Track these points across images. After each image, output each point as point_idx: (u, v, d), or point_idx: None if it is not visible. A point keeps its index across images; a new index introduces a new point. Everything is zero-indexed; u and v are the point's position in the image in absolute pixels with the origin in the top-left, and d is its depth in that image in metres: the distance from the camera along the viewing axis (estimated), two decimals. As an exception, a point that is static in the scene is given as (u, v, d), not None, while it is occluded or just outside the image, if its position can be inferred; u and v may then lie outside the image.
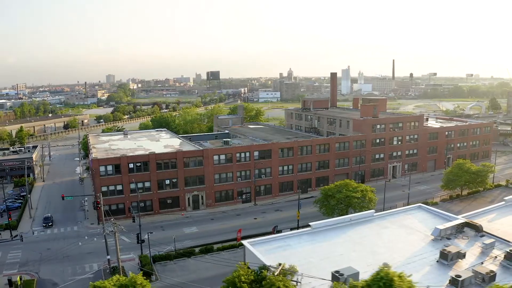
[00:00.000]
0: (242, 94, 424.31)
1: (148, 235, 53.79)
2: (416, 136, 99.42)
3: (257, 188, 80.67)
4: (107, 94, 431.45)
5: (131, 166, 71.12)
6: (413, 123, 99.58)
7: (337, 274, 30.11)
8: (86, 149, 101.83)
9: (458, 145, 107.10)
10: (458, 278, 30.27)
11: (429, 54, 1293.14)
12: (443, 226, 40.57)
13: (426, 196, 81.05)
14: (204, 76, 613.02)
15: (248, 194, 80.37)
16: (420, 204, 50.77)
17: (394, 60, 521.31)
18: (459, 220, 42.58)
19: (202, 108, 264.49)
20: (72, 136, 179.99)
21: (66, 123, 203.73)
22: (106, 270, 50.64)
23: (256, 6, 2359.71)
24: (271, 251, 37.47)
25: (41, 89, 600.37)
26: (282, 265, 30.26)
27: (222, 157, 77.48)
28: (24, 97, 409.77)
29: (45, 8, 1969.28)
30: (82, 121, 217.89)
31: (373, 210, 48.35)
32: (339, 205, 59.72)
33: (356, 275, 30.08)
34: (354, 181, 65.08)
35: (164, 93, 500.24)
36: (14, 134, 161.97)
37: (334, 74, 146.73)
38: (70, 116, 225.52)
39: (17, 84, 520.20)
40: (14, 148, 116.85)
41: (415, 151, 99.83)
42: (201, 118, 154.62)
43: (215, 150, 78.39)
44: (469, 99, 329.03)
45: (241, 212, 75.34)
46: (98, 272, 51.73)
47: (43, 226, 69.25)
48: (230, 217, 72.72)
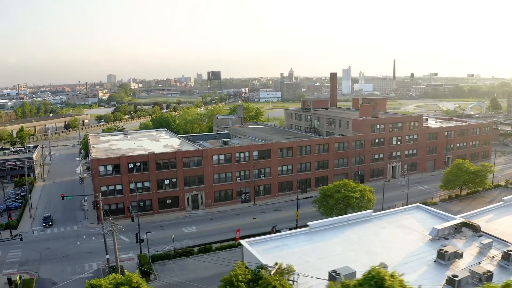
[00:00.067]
0: (243, 94, 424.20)
1: (146, 235, 53.97)
2: (415, 136, 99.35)
3: (256, 188, 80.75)
4: (108, 94, 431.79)
5: (131, 166, 71.38)
6: (412, 123, 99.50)
7: (333, 273, 30.22)
8: (87, 149, 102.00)
9: (458, 145, 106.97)
10: (455, 278, 30.31)
11: (430, 54, 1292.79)
12: (441, 226, 40.57)
13: (425, 196, 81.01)
14: (205, 76, 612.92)
15: (247, 194, 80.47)
16: (418, 204, 50.82)
17: (395, 60, 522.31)
18: (457, 220, 42.59)
19: (202, 108, 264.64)
20: (72, 136, 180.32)
21: (66, 123, 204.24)
22: (105, 270, 50.74)
23: (256, 6, 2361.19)
24: (269, 251, 37.60)
25: (42, 89, 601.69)
26: (278, 264, 30.40)
27: (222, 157, 77.63)
28: (25, 97, 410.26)
29: (45, 8, 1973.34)
30: (82, 121, 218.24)
31: (371, 210, 48.44)
32: (338, 205, 59.78)
33: (352, 275, 30.15)
34: (353, 181, 65.11)
35: (165, 93, 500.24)
36: (15, 134, 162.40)
37: (334, 74, 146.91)
38: (71, 116, 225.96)
39: (18, 84, 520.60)
40: (14, 148, 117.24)
41: (415, 151, 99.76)
42: (201, 118, 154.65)
43: (215, 150, 78.53)
44: (470, 99, 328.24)
45: (240, 212, 75.46)
46: (97, 271, 51.92)
47: (43, 225, 69.55)
48: (229, 217, 72.86)
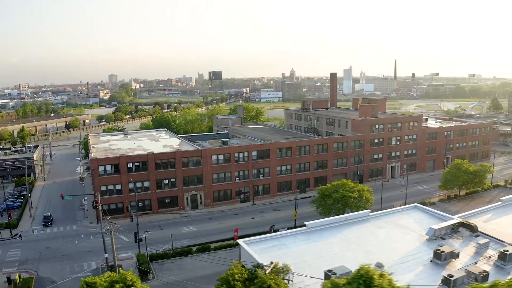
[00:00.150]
0: (244, 94, 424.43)
1: (145, 234, 54.22)
2: (414, 136, 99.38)
3: (255, 187, 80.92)
4: (109, 94, 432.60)
5: (130, 165, 71.63)
6: (411, 123, 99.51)
7: (329, 273, 30.32)
8: (87, 149, 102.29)
9: (457, 145, 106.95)
10: (450, 278, 30.28)
11: (431, 54, 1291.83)
12: (438, 226, 40.59)
13: (424, 196, 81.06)
14: (206, 76, 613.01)
15: (246, 193, 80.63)
16: (416, 204, 50.85)
17: (396, 60, 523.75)
18: (454, 220, 42.63)
19: (203, 108, 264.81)
20: (73, 136, 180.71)
21: (67, 123, 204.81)
22: (104, 268, 50.94)
23: (256, 6, 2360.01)
24: (266, 250, 37.74)
25: (43, 89, 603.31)
26: (274, 264, 30.57)
27: (221, 157, 77.81)
28: (26, 97, 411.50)
29: (45, 8, 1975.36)
30: (83, 121, 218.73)
31: (368, 210, 48.52)
32: (336, 204, 59.90)
33: (348, 274, 30.22)
34: (351, 181, 65.26)
35: (166, 93, 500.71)
36: (15, 134, 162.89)
37: (333, 74, 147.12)
38: (71, 116, 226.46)
39: (19, 84, 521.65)
40: (15, 147, 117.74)
41: (414, 151, 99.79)
42: (201, 118, 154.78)
43: (214, 150, 78.70)
44: (471, 99, 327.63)
45: (239, 211, 75.64)
46: (96, 270, 52.14)
47: (43, 225, 69.85)
48: (228, 216, 73.05)
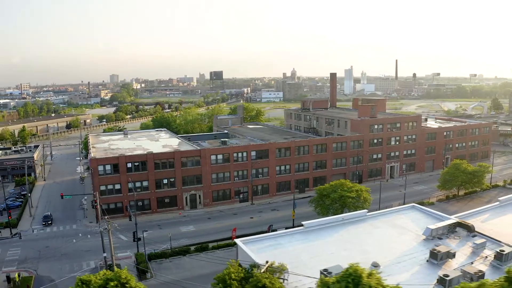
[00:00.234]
0: (245, 94, 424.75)
1: (143, 234, 54.49)
2: (414, 136, 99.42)
3: (254, 187, 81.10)
4: (111, 94, 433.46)
5: (129, 165, 71.90)
6: (411, 123, 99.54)
7: (325, 272, 30.49)
8: (87, 148, 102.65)
9: (457, 145, 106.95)
10: (446, 278, 30.40)
11: (432, 54, 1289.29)
12: (435, 226, 40.69)
13: (423, 196, 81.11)
14: (207, 76, 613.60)
15: (245, 193, 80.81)
16: (413, 204, 50.93)
17: (397, 60, 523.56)
18: (451, 220, 42.74)
19: (204, 108, 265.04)
20: (74, 136, 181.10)
21: (68, 123, 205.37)
22: (103, 267, 51.22)
23: (256, 6, 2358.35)
24: (263, 250, 37.94)
25: (45, 88, 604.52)
26: (269, 263, 30.78)
27: (220, 157, 78.00)
28: (27, 96, 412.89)
29: (45, 8, 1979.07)
30: (84, 121, 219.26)
31: (365, 210, 48.64)
32: (334, 204, 59.98)
33: (343, 273, 30.51)
34: (349, 181, 65.39)
35: (167, 93, 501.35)
36: (16, 133, 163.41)
37: (333, 74, 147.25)
38: (72, 116, 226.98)
39: (21, 84, 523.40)
40: (16, 147, 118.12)
41: (413, 151, 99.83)
42: (201, 118, 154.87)
43: (213, 150, 78.91)
44: (472, 99, 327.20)
45: (238, 211, 75.82)
46: (95, 269, 52.33)
47: (43, 224, 70.18)
48: (227, 216, 73.25)
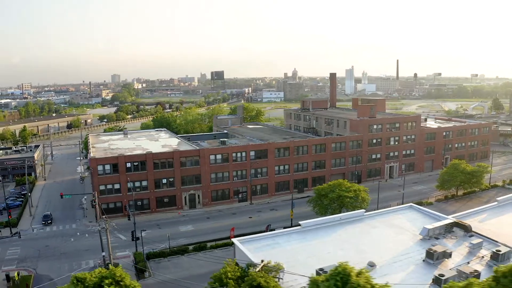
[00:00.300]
0: (246, 94, 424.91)
1: (141, 233, 54.75)
2: (413, 136, 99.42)
3: (253, 187, 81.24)
4: (112, 94, 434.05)
5: (129, 165, 72.16)
6: (410, 124, 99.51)
7: (321, 271, 30.66)
8: (87, 148, 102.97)
9: (456, 145, 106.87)
10: (441, 277, 30.52)
11: (433, 54, 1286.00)
12: (432, 226, 40.86)
13: (421, 196, 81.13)
14: (208, 76, 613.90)
15: (244, 193, 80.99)
16: (411, 204, 51.14)
17: (398, 60, 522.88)
18: (448, 220, 42.90)
19: (205, 108, 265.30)
20: (75, 135, 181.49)
21: (69, 123, 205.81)
22: (101, 266, 51.47)
23: (256, 6, 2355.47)
24: (260, 249, 38.22)
25: (46, 88, 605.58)
26: (264, 262, 30.99)
27: (219, 156, 78.18)
28: (29, 96, 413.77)
29: (45, 8, 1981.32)
30: (85, 120, 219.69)
31: (363, 210, 48.84)
32: (332, 204, 60.07)
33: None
34: (347, 180, 65.46)
35: (168, 93, 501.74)
36: (17, 133, 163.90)
37: (333, 75, 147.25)
38: (73, 115, 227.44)
39: (22, 83, 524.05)
40: (16, 147, 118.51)
41: (412, 151, 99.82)
42: (202, 118, 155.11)
43: (212, 149, 79.10)
44: (473, 99, 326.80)
45: (236, 211, 76.01)
46: (93, 268, 52.50)
47: (43, 223, 70.47)
48: (225, 216, 73.44)
